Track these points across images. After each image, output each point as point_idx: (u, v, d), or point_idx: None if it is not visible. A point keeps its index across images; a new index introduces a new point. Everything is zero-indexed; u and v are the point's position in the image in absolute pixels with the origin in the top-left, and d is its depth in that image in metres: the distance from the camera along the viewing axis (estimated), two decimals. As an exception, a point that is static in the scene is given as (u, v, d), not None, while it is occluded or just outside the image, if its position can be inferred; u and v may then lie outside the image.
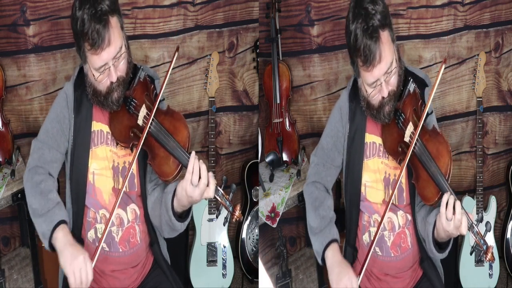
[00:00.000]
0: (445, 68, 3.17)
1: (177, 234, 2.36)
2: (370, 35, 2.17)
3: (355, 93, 2.40)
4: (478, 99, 3.19)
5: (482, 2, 3.14)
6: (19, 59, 2.97)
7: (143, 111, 2.28)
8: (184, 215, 2.30)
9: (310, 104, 3.22)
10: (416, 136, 2.26)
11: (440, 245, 2.31)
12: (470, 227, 2.17)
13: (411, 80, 2.33)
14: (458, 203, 2.16)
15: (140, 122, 2.27)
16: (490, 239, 3.21)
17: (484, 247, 2.20)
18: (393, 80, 2.26)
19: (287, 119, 3.18)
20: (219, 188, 2.21)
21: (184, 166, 2.22)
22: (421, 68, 3.12)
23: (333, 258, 2.38)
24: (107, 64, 2.21)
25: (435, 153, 2.26)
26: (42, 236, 2.26)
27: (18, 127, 3.04)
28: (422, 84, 2.38)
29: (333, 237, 2.42)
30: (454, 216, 2.15)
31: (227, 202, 2.22)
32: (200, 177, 2.17)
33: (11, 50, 2.96)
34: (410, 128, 2.29)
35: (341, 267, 2.35)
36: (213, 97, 3.20)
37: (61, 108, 2.36)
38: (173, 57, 2.29)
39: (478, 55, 3.17)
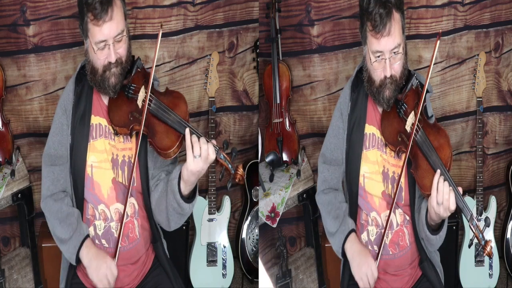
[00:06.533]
0: (445, 68, 3.18)
1: (184, 220, 2.40)
2: (384, 4, 2.26)
3: (358, 81, 2.47)
4: (478, 99, 3.18)
5: (482, 2, 3.14)
6: (19, 59, 2.97)
7: (142, 91, 2.34)
8: (191, 195, 2.35)
9: (310, 104, 3.22)
10: (418, 118, 2.28)
11: (433, 228, 2.35)
12: (470, 219, 2.21)
13: (415, 75, 2.39)
14: (446, 184, 2.20)
15: (139, 103, 2.33)
16: (490, 235, 3.22)
17: (483, 242, 2.22)
18: (397, 66, 2.32)
19: (287, 119, 3.18)
20: (221, 151, 2.28)
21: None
22: (421, 68, 3.12)
23: (352, 248, 2.45)
24: (107, 41, 2.26)
25: (436, 145, 2.30)
26: (69, 258, 2.37)
27: (18, 127, 3.05)
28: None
29: (349, 229, 2.47)
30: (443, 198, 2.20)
31: (229, 165, 2.29)
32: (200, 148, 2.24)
33: (11, 50, 2.96)
34: (411, 117, 2.33)
35: (360, 256, 2.43)
36: (213, 97, 3.20)
37: (59, 118, 2.41)
38: (159, 34, 2.31)
39: (478, 55, 3.17)
